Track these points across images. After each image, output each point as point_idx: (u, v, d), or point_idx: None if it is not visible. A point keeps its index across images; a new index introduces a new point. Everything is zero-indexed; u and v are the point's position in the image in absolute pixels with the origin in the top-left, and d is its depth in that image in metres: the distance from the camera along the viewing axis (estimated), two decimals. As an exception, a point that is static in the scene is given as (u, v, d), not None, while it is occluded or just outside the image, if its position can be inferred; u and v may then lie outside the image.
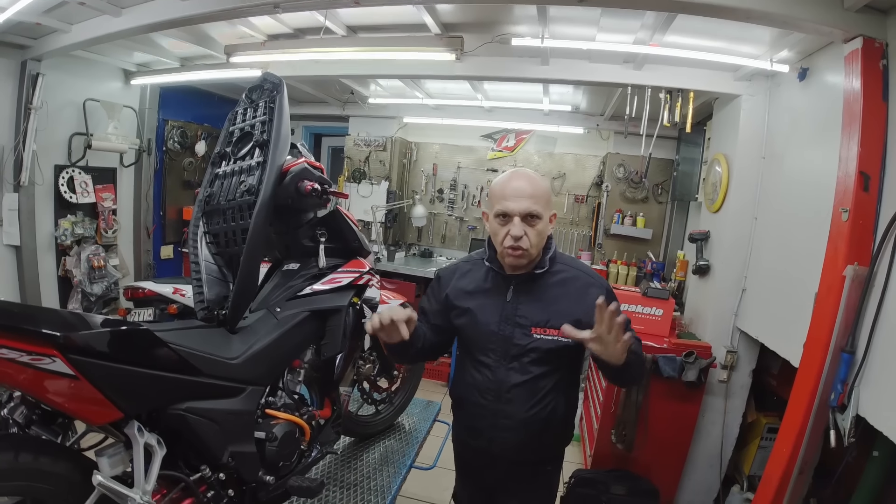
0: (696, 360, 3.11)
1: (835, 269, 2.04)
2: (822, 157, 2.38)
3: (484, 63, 3.35)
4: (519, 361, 1.67)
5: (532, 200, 1.58)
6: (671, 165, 4.77)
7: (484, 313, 1.71)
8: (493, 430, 1.73)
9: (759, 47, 2.82)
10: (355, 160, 5.71)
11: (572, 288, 1.68)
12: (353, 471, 2.42)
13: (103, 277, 4.46)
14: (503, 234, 1.60)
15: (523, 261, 1.63)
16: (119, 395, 1.37)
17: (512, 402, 1.68)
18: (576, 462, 3.84)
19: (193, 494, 1.60)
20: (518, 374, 1.67)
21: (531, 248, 1.60)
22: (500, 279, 1.72)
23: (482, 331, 1.70)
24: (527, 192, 1.58)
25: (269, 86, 1.95)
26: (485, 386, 1.71)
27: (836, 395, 1.97)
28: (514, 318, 1.67)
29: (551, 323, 1.63)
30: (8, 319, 1.25)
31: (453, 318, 1.78)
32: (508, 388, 1.68)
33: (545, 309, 1.66)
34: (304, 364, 2.02)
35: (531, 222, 1.59)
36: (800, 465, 2.13)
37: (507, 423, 1.70)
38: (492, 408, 1.71)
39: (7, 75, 3.80)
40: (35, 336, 1.21)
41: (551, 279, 1.70)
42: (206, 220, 1.89)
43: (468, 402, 1.78)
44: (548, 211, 1.64)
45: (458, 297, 1.77)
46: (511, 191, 1.59)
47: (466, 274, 1.81)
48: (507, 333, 1.67)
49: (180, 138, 5.36)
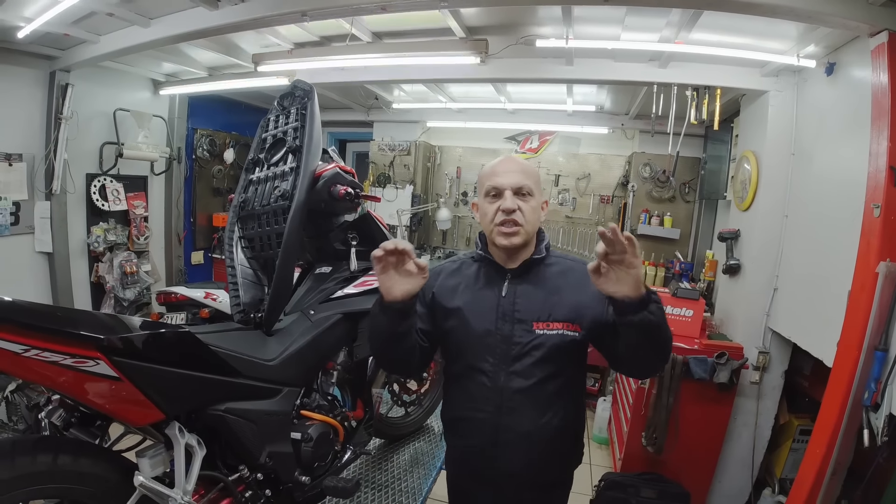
0: (728, 361, 3.06)
1: (867, 266, 2.01)
2: (852, 152, 2.33)
3: (508, 65, 3.35)
4: (521, 363, 1.49)
5: (523, 175, 1.49)
6: (698, 164, 4.70)
7: (476, 312, 1.53)
8: (493, 448, 1.54)
9: (786, 43, 2.78)
10: (380, 165, 5.76)
11: (572, 278, 1.54)
12: (383, 472, 2.44)
13: (136, 283, 4.56)
14: (493, 211, 1.49)
15: (517, 240, 1.48)
16: (161, 397, 1.39)
17: (515, 411, 1.50)
18: (605, 465, 3.81)
19: (232, 494, 1.63)
20: (521, 379, 1.49)
21: (525, 223, 1.47)
22: (492, 273, 1.57)
23: (476, 332, 1.52)
24: (517, 168, 1.50)
25: (301, 93, 1.99)
26: (482, 396, 1.52)
27: (870, 393, 1.94)
28: (512, 314, 1.50)
29: (554, 316, 1.48)
30: (50, 323, 1.26)
31: (441, 322, 1.59)
32: (511, 396, 1.49)
33: (545, 301, 1.50)
34: (338, 366, 2.04)
35: (523, 199, 1.48)
36: (833, 466, 2.09)
37: (510, 438, 1.52)
38: (492, 422, 1.52)
39: (36, 85, 3.90)
40: (79, 339, 1.23)
41: (548, 270, 1.56)
42: (241, 225, 1.93)
43: (463, 420, 1.60)
44: (539, 193, 1.54)
45: (444, 296, 1.59)
46: (501, 168, 1.51)
47: (454, 272, 1.64)
48: (506, 332, 1.49)
49: (209, 146, 5.47)
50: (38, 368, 1.23)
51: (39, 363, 1.21)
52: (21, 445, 1.30)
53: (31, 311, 1.28)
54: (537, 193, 1.52)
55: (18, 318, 1.21)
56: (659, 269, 4.66)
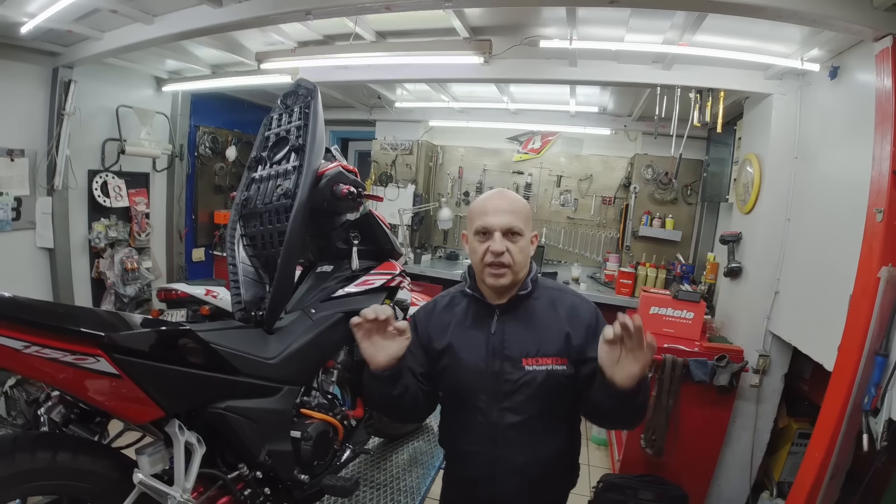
0: (728, 364, 3.06)
1: (869, 271, 2.01)
2: (855, 156, 2.32)
3: (512, 65, 3.35)
4: (512, 400, 1.50)
5: (513, 216, 1.48)
6: (700, 166, 4.70)
7: (467, 349, 1.54)
8: (489, 479, 1.56)
9: (790, 46, 2.78)
10: (382, 164, 5.76)
11: (560, 309, 1.55)
12: (382, 471, 2.44)
13: (136, 279, 4.57)
14: (483, 251, 1.48)
15: (505, 281, 1.48)
16: (161, 394, 1.39)
17: (509, 445, 1.52)
18: (603, 467, 3.81)
19: (231, 492, 1.63)
20: (513, 415, 1.50)
21: (514, 265, 1.48)
22: (482, 309, 1.57)
23: (468, 370, 1.53)
24: (507, 207, 1.49)
25: (304, 91, 1.99)
26: (477, 431, 1.55)
27: (870, 398, 1.93)
28: (501, 351, 1.50)
29: (542, 351, 1.49)
30: (51, 319, 1.26)
31: (435, 363, 1.59)
32: (504, 431, 1.51)
33: (533, 336, 1.51)
34: (338, 364, 2.04)
35: (512, 239, 1.48)
36: (832, 470, 2.09)
37: (505, 470, 1.54)
38: (487, 454, 1.55)
39: (39, 82, 3.91)
40: (79, 336, 1.22)
41: (536, 302, 1.56)
42: (244, 223, 1.93)
43: (459, 452, 1.64)
44: (528, 230, 1.53)
45: (436, 333, 1.59)
46: (492, 206, 1.50)
47: (445, 308, 1.65)
48: (495, 369, 1.50)
49: (211, 144, 5.47)
50: (38, 365, 1.23)
51: (40, 360, 1.21)
52: (21, 442, 1.30)
53: (31, 308, 1.28)
54: (527, 231, 1.52)
55: (19, 314, 1.21)
56: (660, 271, 4.65)
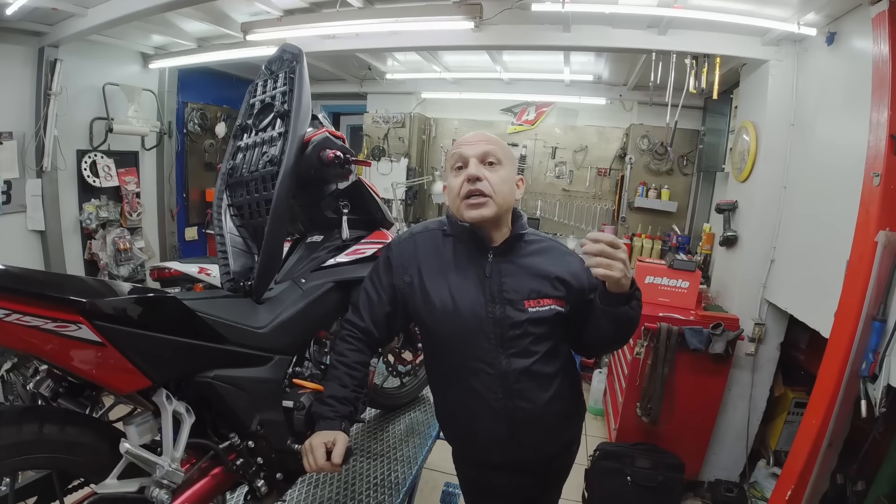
0: (724, 332, 3.07)
1: (866, 236, 2.00)
2: (852, 122, 2.31)
3: (503, 31, 3.27)
4: (517, 345, 1.45)
5: (490, 145, 1.43)
6: (696, 136, 4.66)
7: (463, 296, 1.46)
8: (508, 434, 1.51)
9: (786, 10, 2.72)
10: (374, 137, 5.69)
11: (553, 255, 1.51)
12: (379, 441, 2.43)
13: (129, 259, 4.54)
14: (459, 184, 1.41)
15: (487, 212, 1.40)
16: (146, 363, 1.36)
17: (523, 393, 1.47)
18: (600, 436, 3.84)
19: (223, 462, 1.61)
20: (521, 359, 1.46)
21: (493, 194, 1.39)
22: (472, 251, 1.49)
23: (465, 317, 1.45)
24: (483, 139, 1.44)
25: (289, 56, 1.93)
26: (486, 386, 1.48)
27: (868, 364, 1.93)
28: (501, 295, 1.44)
29: (543, 292, 1.45)
30: (31, 286, 1.21)
31: (419, 304, 1.52)
32: (516, 378, 1.46)
33: (532, 278, 1.46)
34: (330, 335, 2.02)
35: (491, 168, 1.42)
36: (829, 438, 2.09)
37: (523, 419, 1.50)
38: (503, 408, 1.48)
39: (25, 62, 3.85)
40: (60, 302, 1.18)
41: (529, 247, 1.51)
42: (230, 192, 1.90)
43: (472, 413, 1.55)
44: (510, 165, 1.48)
45: (427, 273, 1.52)
46: (467, 139, 1.46)
47: (427, 246, 1.56)
48: (498, 314, 1.44)
49: (200, 120, 5.40)
50: (18, 333, 1.19)
51: (20, 328, 1.18)
52: (7, 415, 1.28)
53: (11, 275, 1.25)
54: (508, 165, 1.46)
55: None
56: (656, 241, 4.65)
